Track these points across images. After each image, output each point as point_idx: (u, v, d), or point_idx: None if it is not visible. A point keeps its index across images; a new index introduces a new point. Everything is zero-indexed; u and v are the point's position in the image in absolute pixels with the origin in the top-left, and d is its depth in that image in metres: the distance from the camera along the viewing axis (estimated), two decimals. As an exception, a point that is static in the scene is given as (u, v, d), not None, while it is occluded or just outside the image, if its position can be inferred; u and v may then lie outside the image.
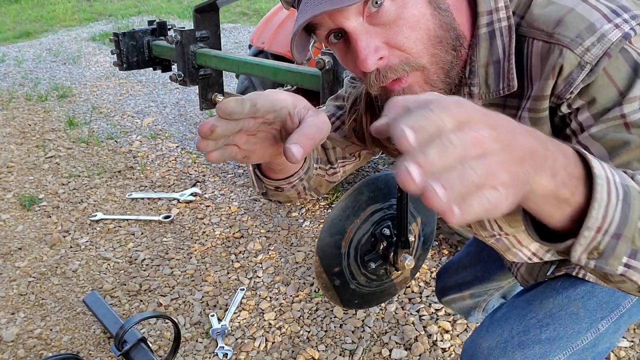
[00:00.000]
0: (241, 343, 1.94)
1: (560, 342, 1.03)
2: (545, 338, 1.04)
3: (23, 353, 1.90)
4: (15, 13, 9.14)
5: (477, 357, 1.09)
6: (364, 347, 1.92)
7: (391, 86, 0.75)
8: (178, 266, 2.39)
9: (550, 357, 1.04)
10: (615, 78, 0.68)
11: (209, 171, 3.32)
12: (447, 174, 0.37)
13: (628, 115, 0.67)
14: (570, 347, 1.04)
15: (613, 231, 0.50)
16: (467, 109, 0.40)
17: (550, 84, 0.71)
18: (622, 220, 0.50)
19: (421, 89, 0.74)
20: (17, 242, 2.57)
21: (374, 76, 0.74)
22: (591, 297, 1.03)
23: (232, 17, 8.46)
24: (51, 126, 4.07)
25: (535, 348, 1.04)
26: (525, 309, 1.09)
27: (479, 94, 0.78)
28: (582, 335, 1.03)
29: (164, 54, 2.31)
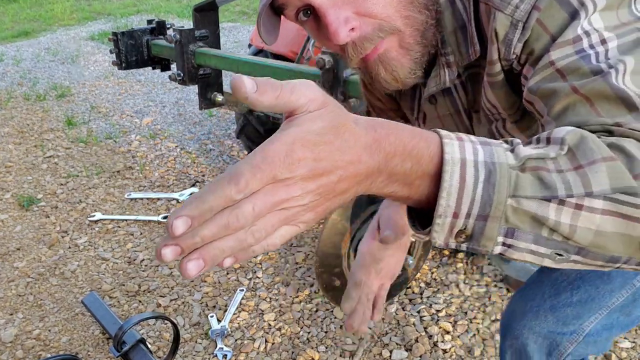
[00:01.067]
0: (241, 344, 1.94)
1: (592, 303, 1.02)
2: (577, 300, 1.03)
3: (21, 354, 1.89)
4: (14, 12, 9.13)
5: (513, 324, 1.10)
6: (364, 348, 1.91)
7: (367, 56, 0.74)
8: (177, 267, 2.38)
9: (584, 319, 1.03)
10: (549, 26, 0.65)
11: (208, 171, 3.31)
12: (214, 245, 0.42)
13: (557, 61, 0.63)
14: (605, 306, 1.02)
15: (476, 213, 0.48)
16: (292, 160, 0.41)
17: (495, 48, 0.70)
18: (485, 202, 0.48)
19: (397, 53, 0.74)
20: (16, 243, 2.55)
21: (351, 49, 0.73)
22: None
23: (231, 16, 8.45)
24: (50, 126, 4.06)
25: (567, 310, 1.04)
26: (555, 272, 1.08)
27: (454, 61, 0.78)
28: (616, 293, 1.01)
29: (163, 53, 2.30)
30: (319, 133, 0.43)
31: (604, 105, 0.56)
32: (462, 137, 0.50)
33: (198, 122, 4.16)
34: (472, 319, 2.03)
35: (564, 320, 1.05)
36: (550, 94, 0.62)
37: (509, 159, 0.49)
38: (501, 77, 0.72)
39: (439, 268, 2.32)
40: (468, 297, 2.15)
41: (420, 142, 0.48)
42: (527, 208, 0.48)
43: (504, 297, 2.15)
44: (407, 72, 0.75)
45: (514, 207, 0.48)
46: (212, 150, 3.60)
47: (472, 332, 1.97)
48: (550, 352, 1.08)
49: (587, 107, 0.57)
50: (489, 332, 1.97)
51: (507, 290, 2.18)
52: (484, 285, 2.21)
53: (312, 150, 0.42)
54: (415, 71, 0.76)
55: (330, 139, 0.43)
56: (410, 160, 0.48)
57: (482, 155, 0.49)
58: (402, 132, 0.48)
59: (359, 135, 0.45)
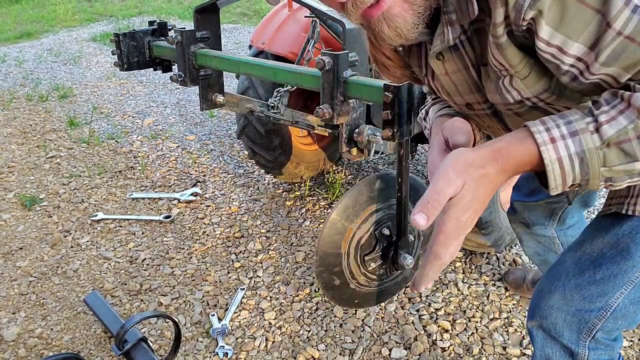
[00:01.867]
0: (241, 342, 1.95)
1: (616, 280, 1.04)
2: (600, 278, 1.05)
3: (24, 352, 1.90)
4: (16, 13, 9.15)
5: (541, 304, 1.13)
6: (364, 346, 1.92)
7: (370, 13, 0.75)
8: (178, 266, 2.40)
9: (610, 295, 1.05)
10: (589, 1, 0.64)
11: (210, 171, 3.32)
12: None
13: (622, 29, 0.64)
14: (629, 281, 1.04)
15: (579, 180, 0.67)
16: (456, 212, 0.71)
17: (501, 12, 0.70)
18: (584, 175, 0.66)
19: (401, 8, 0.74)
20: (18, 242, 2.57)
21: (351, 5, 0.74)
22: (639, 231, 1.02)
23: (232, 17, 8.46)
24: (52, 126, 4.08)
25: (592, 288, 1.06)
26: (578, 251, 1.11)
27: (457, 19, 0.78)
28: (638, 268, 1.03)
29: (165, 55, 2.31)
30: (471, 200, 0.70)
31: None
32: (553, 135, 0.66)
33: (199, 122, 4.18)
34: (470, 318, 2.05)
35: (589, 298, 1.07)
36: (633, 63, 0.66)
37: (595, 141, 0.65)
38: (505, 39, 0.73)
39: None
40: (466, 296, 2.17)
41: (526, 152, 0.68)
42: (618, 169, 0.65)
43: (502, 296, 2.16)
44: (411, 27, 0.76)
45: (607, 171, 0.66)
46: (213, 151, 3.62)
47: (471, 330, 1.99)
48: (580, 329, 1.10)
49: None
50: (488, 331, 1.98)
51: (505, 289, 2.19)
52: (482, 284, 2.23)
53: (471, 211, 0.71)
54: (418, 25, 0.77)
55: (478, 195, 0.70)
56: (524, 167, 0.70)
57: (573, 147, 0.65)
58: (514, 151, 0.69)
59: (492, 175, 0.70)
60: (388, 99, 1.30)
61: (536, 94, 0.81)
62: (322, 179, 3.14)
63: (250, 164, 3.37)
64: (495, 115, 0.92)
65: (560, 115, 0.69)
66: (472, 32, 0.81)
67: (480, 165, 0.69)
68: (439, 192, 0.69)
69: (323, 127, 1.95)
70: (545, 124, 0.67)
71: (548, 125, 0.67)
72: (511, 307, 2.10)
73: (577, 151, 0.65)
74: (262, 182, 3.16)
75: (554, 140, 0.66)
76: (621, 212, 1.03)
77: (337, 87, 1.57)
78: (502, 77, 0.80)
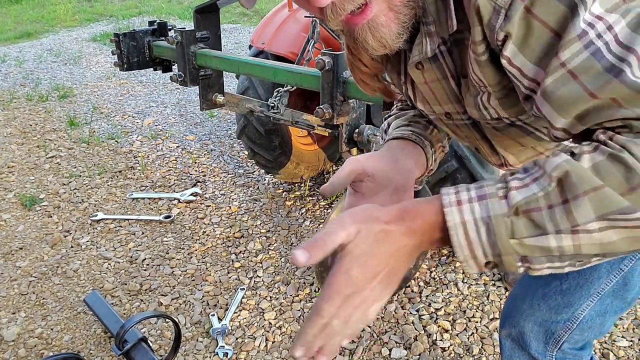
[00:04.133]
0: (241, 342, 1.95)
1: (582, 290, 1.04)
2: (566, 288, 1.05)
3: (24, 352, 1.90)
4: (16, 13, 9.16)
5: (511, 313, 1.13)
6: (364, 346, 1.92)
7: (353, 21, 0.72)
8: (178, 266, 2.40)
9: (576, 306, 1.05)
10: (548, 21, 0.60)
11: (209, 171, 3.32)
12: None
13: (568, 62, 0.59)
14: (595, 292, 1.03)
15: (491, 254, 0.60)
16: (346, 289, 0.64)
17: (479, 30, 0.68)
18: (492, 246, 0.59)
19: (387, 18, 0.72)
20: (18, 242, 2.57)
21: (330, 11, 0.71)
22: None
23: (232, 17, 8.47)
24: (52, 126, 4.08)
25: (558, 298, 1.05)
26: None
27: (436, 31, 0.76)
28: (603, 279, 1.02)
29: (165, 55, 2.32)
30: (365, 253, 0.63)
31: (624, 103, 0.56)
32: (460, 198, 0.61)
33: (199, 122, 4.18)
34: (470, 318, 2.05)
35: (556, 309, 1.06)
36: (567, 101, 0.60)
37: (503, 208, 0.58)
38: (486, 57, 0.71)
39: (438, 267, 2.34)
40: (466, 296, 2.17)
41: (432, 213, 0.63)
42: (530, 243, 0.58)
43: (502, 295, 2.16)
44: (395, 37, 0.73)
45: (518, 244, 0.58)
46: (213, 151, 3.62)
47: (471, 330, 1.99)
48: (547, 339, 1.09)
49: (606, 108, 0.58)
50: (487, 331, 1.98)
51: (505, 289, 2.19)
52: (482, 284, 2.23)
53: (364, 267, 0.63)
54: (403, 35, 0.74)
55: (375, 251, 0.63)
56: (433, 231, 0.64)
57: (479, 212, 0.60)
58: (421, 211, 0.64)
59: (395, 233, 0.64)
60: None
61: (514, 115, 0.80)
62: (322, 179, 3.14)
63: (250, 164, 3.37)
64: (474, 126, 0.91)
65: (477, 182, 0.65)
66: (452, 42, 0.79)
67: (384, 221, 0.64)
68: (329, 234, 0.63)
69: (323, 127, 1.95)
70: (457, 188, 0.63)
71: (459, 189, 0.63)
72: (511, 307, 2.10)
73: (482, 216, 0.59)
74: (262, 182, 3.16)
75: (460, 202, 0.61)
76: None
77: (337, 87, 1.57)
78: (481, 93, 0.78)
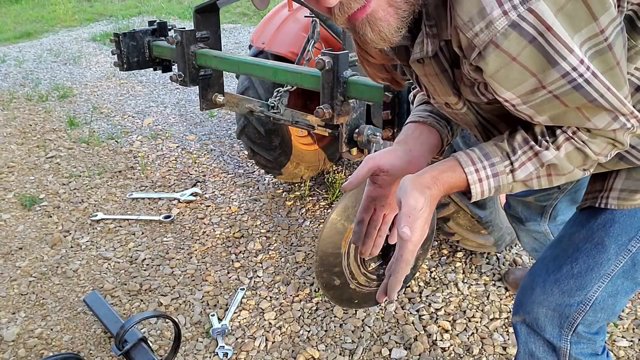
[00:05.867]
0: (241, 342, 1.95)
1: (592, 273, 1.08)
2: (577, 272, 1.09)
3: (24, 353, 1.90)
4: (16, 13, 9.15)
5: (523, 300, 1.18)
6: (364, 346, 1.92)
7: (354, 16, 0.77)
8: (178, 266, 2.40)
9: (588, 288, 1.08)
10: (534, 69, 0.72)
11: (209, 171, 3.32)
12: None
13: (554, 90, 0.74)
14: (605, 274, 1.07)
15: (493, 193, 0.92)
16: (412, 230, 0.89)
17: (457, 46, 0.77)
18: (497, 191, 0.91)
19: (385, 12, 0.76)
20: (18, 242, 2.57)
21: (338, 9, 0.76)
22: (612, 223, 1.05)
23: (232, 17, 8.46)
24: (52, 126, 4.08)
25: (570, 282, 1.10)
26: (557, 247, 1.15)
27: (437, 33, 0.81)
28: (612, 260, 1.06)
29: (165, 55, 2.31)
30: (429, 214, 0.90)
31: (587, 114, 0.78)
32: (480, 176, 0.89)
33: (199, 122, 4.18)
34: (470, 318, 2.05)
35: (569, 292, 1.10)
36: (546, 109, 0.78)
37: (509, 179, 0.90)
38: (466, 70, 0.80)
39: (438, 267, 2.34)
40: (467, 296, 2.17)
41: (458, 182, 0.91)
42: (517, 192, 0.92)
43: (502, 295, 2.16)
44: (394, 31, 0.78)
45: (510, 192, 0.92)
46: (213, 151, 3.62)
47: (471, 330, 1.99)
48: (562, 323, 1.12)
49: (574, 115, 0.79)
50: (488, 331, 1.98)
51: (505, 290, 2.19)
52: (482, 285, 2.23)
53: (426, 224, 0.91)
54: (402, 29, 0.79)
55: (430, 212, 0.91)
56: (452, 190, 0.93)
57: (493, 183, 0.90)
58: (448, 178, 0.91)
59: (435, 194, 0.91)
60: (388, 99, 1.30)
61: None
62: (322, 179, 3.14)
63: (250, 164, 3.37)
64: (470, 114, 0.98)
65: (485, 154, 0.90)
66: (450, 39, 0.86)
67: (428, 186, 0.89)
68: (414, 208, 0.88)
69: (323, 127, 1.95)
70: (475, 165, 0.89)
71: (477, 166, 0.89)
72: (511, 307, 2.10)
73: (495, 186, 0.90)
74: (262, 182, 3.16)
75: (481, 180, 0.90)
76: (595, 206, 1.07)
77: (337, 87, 1.57)
78: (477, 84, 0.85)
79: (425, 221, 0.89)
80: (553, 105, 0.77)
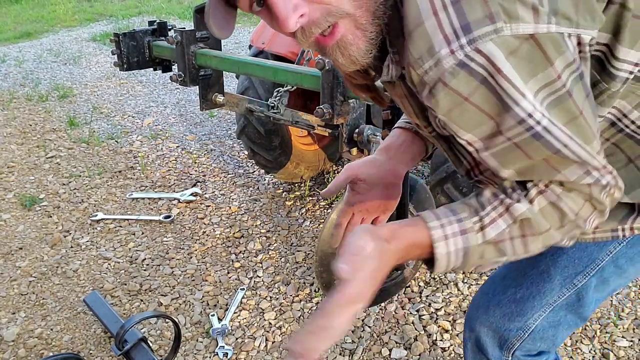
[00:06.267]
0: (241, 342, 1.95)
1: (534, 301, 1.07)
2: (520, 297, 1.08)
3: (24, 352, 1.90)
4: (16, 13, 9.16)
5: (471, 316, 1.17)
6: (364, 346, 1.92)
7: (324, 42, 0.77)
8: (178, 266, 2.40)
9: (528, 316, 1.07)
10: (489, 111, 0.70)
11: (209, 171, 3.32)
12: None
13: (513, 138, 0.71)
14: (547, 303, 1.06)
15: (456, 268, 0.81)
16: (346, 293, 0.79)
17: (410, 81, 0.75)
18: (462, 265, 0.80)
19: (354, 36, 0.76)
20: (18, 242, 2.57)
21: (300, 34, 0.76)
22: (561, 254, 1.03)
23: (232, 17, 8.46)
24: (52, 126, 4.08)
25: (512, 306, 1.09)
26: (507, 269, 1.14)
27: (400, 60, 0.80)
28: (556, 292, 1.05)
29: (165, 55, 2.31)
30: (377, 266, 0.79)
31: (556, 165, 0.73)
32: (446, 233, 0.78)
33: (199, 122, 4.18)
34: (471, 318, 2.05)
35: (509, 316, 1.09)
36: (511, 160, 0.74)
37: (478, 240, 0.78)
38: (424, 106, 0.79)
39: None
40: (467, 296, 2.17)
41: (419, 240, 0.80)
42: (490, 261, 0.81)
43: (503, 296, 2.16)
44: (364, 53, 0.78)
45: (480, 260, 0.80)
46: (213, 151, 3.62)
47: (471, 331, 1.99)
48: (501, 345, 1.12)
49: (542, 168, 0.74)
50: (488, 331, 1.98)
51: (506, 290, 2.19)
52: (483, 285, 2.23)
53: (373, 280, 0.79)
54: (371, 51, 0.79)
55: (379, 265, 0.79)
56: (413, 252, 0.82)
57: (461, 244, 0.78)
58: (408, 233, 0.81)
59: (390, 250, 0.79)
60: (388, 99, 1.30)
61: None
62: (322, 179, 3.14)
63: (250, 164, 3.37)
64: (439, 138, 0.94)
65: (452, 210, 0.80)
66: None
67: (385, 238, 0.79)
68: (362, 248, 0.78)
69: (323, 127, 1.95)
70: (441, 221, 0.79)
71: (443, 222, 0.79)
72: (511, 307, 2.10)
73: (464, 247, 0.78)
74: (262, 182, 3.16)
75: (447, 237, 0.78)
76: None
77: (337, 87, 1.57)
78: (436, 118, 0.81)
79: (371, 276, 0.77)
80: (516, 155, 0.72)
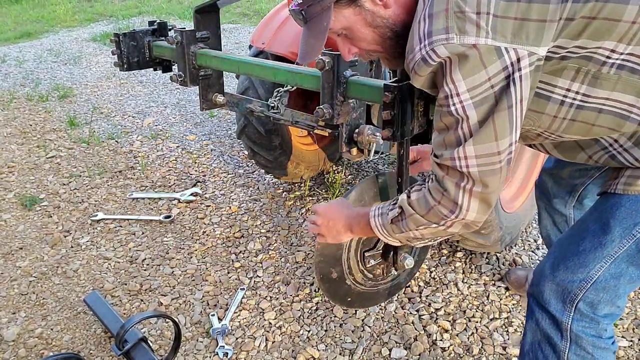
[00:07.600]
0: (241, 342, 1.95)
1: (595, 252, 1.15)
2: (582, 250, 1.17)
3: (24, 352, 1.90)
4: (16, 13, 9.15)
5: (537, 274, 1.27)
6: (364, 346, 1.92)
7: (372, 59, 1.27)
8: (179, 266, 2.40)
9: (590, 267, 1.15)
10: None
11: (210, 171, 3.32)
12: None
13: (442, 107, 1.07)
14: (608, 254, 1.13)
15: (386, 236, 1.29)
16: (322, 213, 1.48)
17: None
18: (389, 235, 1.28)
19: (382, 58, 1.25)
20: (18, 242, 2.57)
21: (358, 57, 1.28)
22: (619, 207, 1.12)
23: (232, 17, 8.46)
24: (52, 126, 4.08)
25: (574, 259, 1.17)
26: (573, 228, 1.27)
27: None
28: (616, 242, 1.12)
29: (165, 55, 2.31)
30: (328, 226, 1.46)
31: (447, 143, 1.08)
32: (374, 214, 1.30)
33: (199, 122, 4.18)
34: (470, 318, 2.05)
35: (572, 269, 1.17)
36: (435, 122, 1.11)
37: (387, 220, 1.25)
38: None
39: (438, 267, 2.34)
40: (466, 296, 2.17)
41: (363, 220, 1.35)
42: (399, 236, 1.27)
43: (502, 295, 2.16)
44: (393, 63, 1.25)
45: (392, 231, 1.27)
46: (213, 151, 3.62)
47: (471, 330, 1.99)
48: (564, 298, 1.20)
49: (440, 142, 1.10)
50: (487, 331, 1.98)
51: (505, 289, 2.19)
52: (482, 284, 2.23)
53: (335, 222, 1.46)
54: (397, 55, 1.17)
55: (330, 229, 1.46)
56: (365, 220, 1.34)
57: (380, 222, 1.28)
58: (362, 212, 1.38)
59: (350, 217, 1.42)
60: (388, 99, 1.30)
61: None
62: (322, 179, 3.14)
63: (250, 164, 3.37)
64: None
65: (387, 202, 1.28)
66: None
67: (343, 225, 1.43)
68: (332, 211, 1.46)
69: (323, 127, 1.95)
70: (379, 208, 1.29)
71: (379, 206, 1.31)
72: (511, 307, 2.10)
73: (382, 224, 1.27)
74: (262, 182, 3.16)
75: (375, 217, 1.29)
76: (607, 191, 1.16)
77: (337, 87, 1.57)
78: None
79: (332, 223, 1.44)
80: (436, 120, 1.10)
